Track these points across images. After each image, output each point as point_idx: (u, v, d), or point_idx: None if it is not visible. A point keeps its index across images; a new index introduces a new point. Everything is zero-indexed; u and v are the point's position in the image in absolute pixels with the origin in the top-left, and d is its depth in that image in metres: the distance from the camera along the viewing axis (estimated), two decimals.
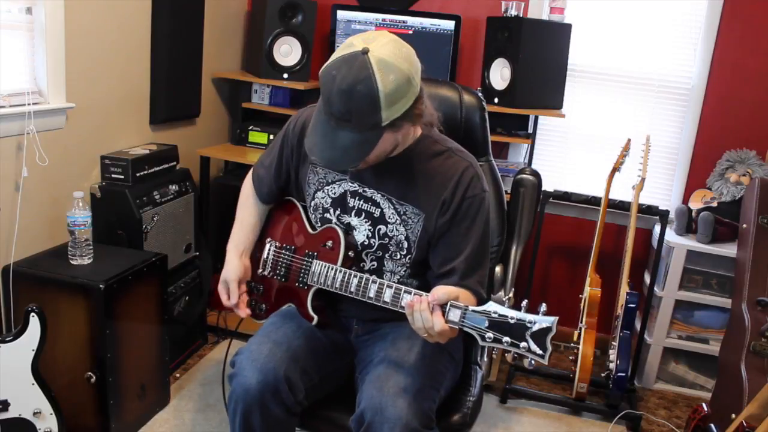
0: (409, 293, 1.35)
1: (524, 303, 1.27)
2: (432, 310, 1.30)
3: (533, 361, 1.23)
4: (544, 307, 1.25)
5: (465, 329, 1.28)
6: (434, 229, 1.49)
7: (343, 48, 1.32)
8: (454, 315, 1.29)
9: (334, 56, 1.33)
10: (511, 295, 1.32)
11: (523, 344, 1.22)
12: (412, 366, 1.45)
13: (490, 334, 1.25)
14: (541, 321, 1.22)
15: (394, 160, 1.49)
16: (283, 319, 1.58)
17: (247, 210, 1.71)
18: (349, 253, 1.52)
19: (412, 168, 1.50)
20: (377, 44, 1.29)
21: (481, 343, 1.26)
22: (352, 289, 1.45)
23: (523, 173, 1.99)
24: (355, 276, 1.45)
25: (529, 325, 1.22)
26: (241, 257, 1.65)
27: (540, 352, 1.21)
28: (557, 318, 1.23)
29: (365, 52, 1.28)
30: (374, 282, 1.42)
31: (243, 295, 1.64)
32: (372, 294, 1.42)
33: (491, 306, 1.27)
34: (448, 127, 1.61)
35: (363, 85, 1.26)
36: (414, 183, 1.50)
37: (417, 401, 1.37)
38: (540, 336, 1.21)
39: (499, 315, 1.25)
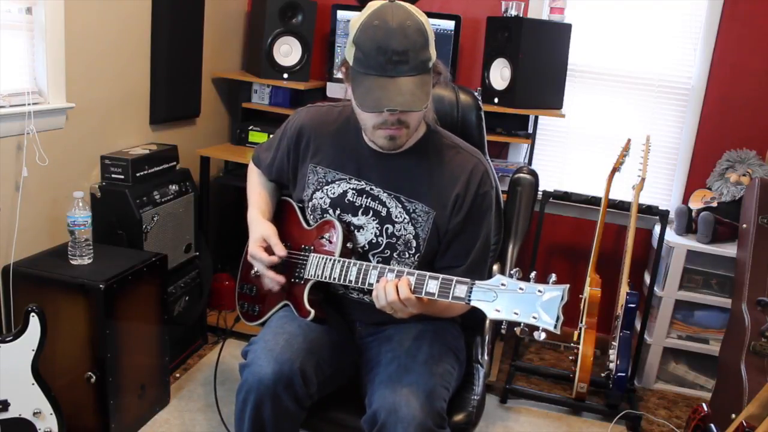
0: (412, 275, 1.31)
1: (533, 274, 1.22)
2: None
3: (543, 333, 1.17)
4: (554, 276, 1.20)
5: (473, 303, 1.24)
6: (447, 228, 1.48)
7: (367, 10, 1.34)
8: (460, 291, 1.25)
9: (363, 17, 1.33)
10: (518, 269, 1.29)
11: (533, 315, 1.17)
12: (422, 366, 1.44)
13: (498, 306, 1.20)
14: (551, 290, 1.17)
15: (401, 156, 1.49)
16: (290, 315, 1.55)
17: (256, 188, 1.71)
18: (347, 245, 1.49)
19: (420, 164, 1.49)
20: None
21: (490, 316, 1.21)
22: (352, 278, 1.41)
23: (520, 172, 1.99)
24: (354, 264, 1.42)
25: (538, 294, 1.18)
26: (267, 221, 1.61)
27: (551, 321, 1.16)
28: (568, 286, 1.17)
29: (392, 1, 1.32)
30: (374, 268, 1.38)
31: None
32: (372, 280, 1.37)
33: (499, 278, 1.22)
34: (444, 127, 1.61)
35: (411, 21, 1.30)
36: (423, 180, 1.48)
37: (430, 401, 1.36)
38: (550, 305, 1.16)
39: (507, 287, 1.20)
